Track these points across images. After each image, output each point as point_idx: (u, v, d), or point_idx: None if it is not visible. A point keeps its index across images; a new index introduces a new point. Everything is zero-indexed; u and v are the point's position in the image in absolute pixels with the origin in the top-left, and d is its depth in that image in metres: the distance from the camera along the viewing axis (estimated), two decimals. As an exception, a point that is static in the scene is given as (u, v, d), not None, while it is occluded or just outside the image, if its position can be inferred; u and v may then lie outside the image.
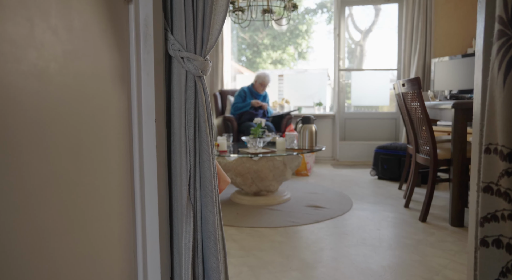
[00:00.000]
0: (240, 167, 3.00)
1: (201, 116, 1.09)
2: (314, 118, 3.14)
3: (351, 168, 4.91)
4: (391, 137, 5.33)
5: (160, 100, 1.05)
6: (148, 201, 1.04)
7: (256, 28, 9.15)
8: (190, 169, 1.09)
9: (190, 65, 1.06)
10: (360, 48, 6.59)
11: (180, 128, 1.08)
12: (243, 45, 9.32)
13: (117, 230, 0.94)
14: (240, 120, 4.59)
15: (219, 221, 1.15)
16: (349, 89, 5.59)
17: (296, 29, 9.53)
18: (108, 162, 0.89)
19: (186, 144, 1.08)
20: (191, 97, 1.08)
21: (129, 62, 0.99)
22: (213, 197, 1.11)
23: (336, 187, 3.76)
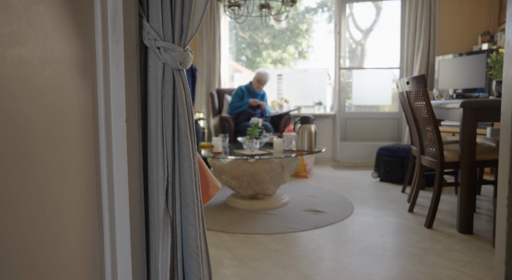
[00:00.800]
0: (235, 169, 2.85)
1: (180, 115, 0.95)
2: (314, 118, 3.00)
3: (352, 169, 4.76)
4: (393, 138, 5.19)
5: (132, 97, 0.90)
6: (118, 214, 0.90)
7: (256, 27, 9.01)
8: (168, 176, 0.95)
9: (167, 56, 0.92)
10: (361, 48, 6.45)
11: (157, 129, 0.94)
12: (243, 45, 9.19)
13: (79, 249, 0.80)
14: (237, 120, 4.45)
15: (202, 235, 1.01)
16: (349, 89, 5.44)
17: (296, 28, 9.38)
18: (65, 169, 0.75)
19: (163, 148, 0.94)
20: (169, 94, 0.94)
21: (94, 52, 0.85)
22: (195, 208, 0.97)
23: (336, 189, 3.61)
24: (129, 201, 0.89)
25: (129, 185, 0.90)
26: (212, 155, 2.86)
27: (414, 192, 2.79)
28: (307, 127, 2.98)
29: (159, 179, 0.93)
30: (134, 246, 0.92)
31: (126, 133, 0.88)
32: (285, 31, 9.68)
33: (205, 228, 1.02)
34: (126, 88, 0.88)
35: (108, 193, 0.88)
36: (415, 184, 2.92)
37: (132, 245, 0.91)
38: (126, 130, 0.88)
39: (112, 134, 0.89)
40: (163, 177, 0.93)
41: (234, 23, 7.69)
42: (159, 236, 0.94)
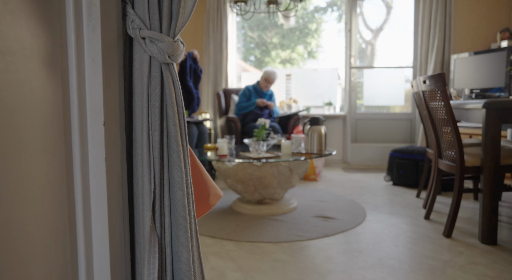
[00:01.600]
0: (241, 173, 2.71)
1: (169, 117, 0.81)
2: (324, 119, 2.85)
3: (363, 172, 4.59)
4: (406, 139, 5.00)
5: (112, 96, 0.77)
6: (96, 234, 0.77)
7: (264, 27, 8.88)
8: (155, 189, 0.81)
9: (154, 48, 0.78)
10: (371, 48, 6.27)
11: (142, 134, 0.80)
12: (252, 44, 9.08)
13: (43, 276, 0.66)
14: (244, 121, 4.31)
15: (196, 256, 0.87)
16: (359, 89, 5.27)
17: (305, 27, 9.24)
18: (25, 184, 0.62)
19: (150, 155, 0.80)
20: (156, 92, 0.80)
21: (65, 41, 0.71)
22: (187, 226, 0.83)
23: (347, 194, 3.45)
24: (108, 219, 0.76)
25: (109, 199, 0.76)
26: (216, 158, 2.72)
27: (431, 198, 2.62)
28: (317, 128, 2.83)
29: (145, 191, 0.80)
30: (115, 270, 0.78)
31: (105, 139, 0.75)
32: (294, 30, 9.54)
33: (199, 247, 0.88)
34: (104, 85, 0.74)
35: (83, 209, 0.74)
36: (431, 189, 2.75)
37: (112, 269, 0.77)
38: (105, 135, 0.75)
39: (88, 140, 0.75)
40: (149, 190, 0.80)
41: (243, 23, 7.57)
42: (144, 258, 0.81)
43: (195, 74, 3.93)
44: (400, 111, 5.18)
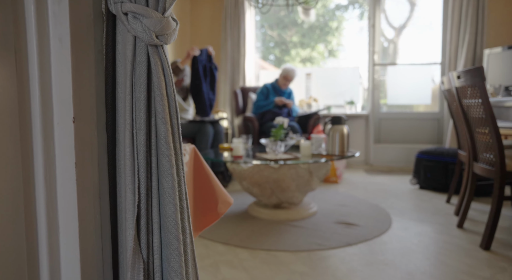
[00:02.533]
0: (257, 176, 2.55)
1: (158, 113, 0.65)
2: (346, 119, 2.65)
3: (387, 174, 4.35)
4: (432, 140, 4.72)
5: (85, 86, 0.62)
6: (65, 260, 0.61)
7: (284, 25, 8.71)
8: (140, 202, 0.65)
9: (137, 25, 0.62)
10: (394, 46, 6.00)
11: (124, 133, 0.64)
12: (271, 43, 8.94)
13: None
14: (262, 120, 4.14)
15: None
16: (382, 88, 5.02)
17: (326, 26, 9.02)
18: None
19: (134, 159, 0.65)
20: (142, 81, 0.64)
21: (22, 16, 0.56)
22: (180, 248, 0.67)
23: (370, 197, 3.24)
24: (79, 240, 0.60)
25: (81, 215, 0.61)
26: (231, 159, 2.57)
27: (465, 204, 2.39)
28: (338, 128, 2.63)
29: (127, 205, 0.64)
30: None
31: (75, 139, 0.59)
32: (314, 29, 9.35)
33: (197, 273, 0.72)
34: (74, 72, 0.59)
35: (47, 230, 0.59)
36: (464, 195, 2.52)
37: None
38: (75, 135, 0.59)
39: (55, 140, 0.60)
40: (132, 202, 0.64)
41: (262, 22, 7.41)
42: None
43: (211, 74, 3.76)
44: (426, 110, 4.91)
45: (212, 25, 5.32)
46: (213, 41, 5.31)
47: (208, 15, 5.33)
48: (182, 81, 3.68)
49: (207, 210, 1.29)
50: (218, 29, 5.26)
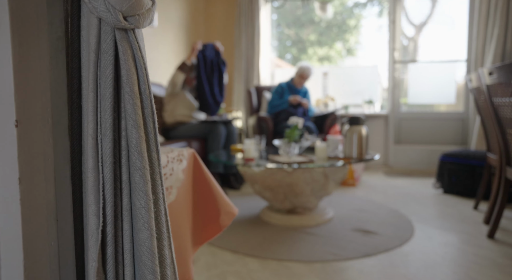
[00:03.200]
0: (269, 179, 2.40)
1: (129, 115, 0.52)
2: (365, 119, 2.48)
3: (407, 177, 4.14)
4: (456, 141, 4.48)
5: (33, 80, 0.49)
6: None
7: (301, 24, 8.54)
8: (105, 226, 0.52)
9: (99, 3, 0.49)
10: (414, 44, 5.77)
11: (87, 139, 0.51)
12: (288, 42, 8.80)
13: None
14: (276, 120, 3.99)
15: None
16: (402, 87, 4.80)
17: (343, 24, 8.81)
18: None
19: (98, 173, 0.51)
20: (107, 75, 0.51)
21: None
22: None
23: (390, 202, 3.05)
24: (24, 276, 0.47)
25: (27, 244, 0.48)
26: (242, 162, 2.44)
27: (496, 212, 2.19)
28: (356, 129, 2.46)
29: (90, 229, 0.51)
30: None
31: (18, 148, 0.46)
32: (331, 27, 9.14)
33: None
34: (16, 64, 0.46)
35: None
36: (496, 202, 2.32)
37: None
38: (18, 142, 0.46)
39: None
40: (95, 227, 0.51)
41: (279, 20, 7.26)
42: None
43: (219, 70, 3.62)
44: (449, 110, 4.66)
45: (226, 22, 5.20)
46: (227, 38, 5.19)
47: (222, 12, 5.22)
48: (194, 79, 3.56)
49: (208, 222, 1.16)
50: (232, 26, 5.13)
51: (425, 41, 5.23)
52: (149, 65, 4.17)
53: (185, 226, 1.07)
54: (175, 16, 4.63)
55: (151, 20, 0.54)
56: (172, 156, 1.03)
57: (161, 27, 4.36)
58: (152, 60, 4.22)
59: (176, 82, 3.45)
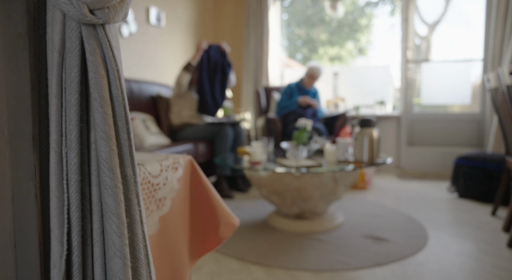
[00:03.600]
0: (276, 183, 2.32)
1: (98, 126, 0.44)
2: (376, 121, 2.38)
3: (420, 180, 4.02)
4: (472, 143, 4.34)
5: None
6: None
7: (312, 23, 8.45)
8: (71, 254, 0.45)
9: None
10: (427, 43, 5.62)
11: (51, 153, 0.44)
12: (299, 42, 8.72)
13: None
14: (285, 121, 3.90)
15: None
16: (414, 87, 4.67)
17: (355, 23, 8.69)
18: None
19: (62, 193, 0.44)
20: (72, 78, 0.44)
21: None
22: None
23: (402, 207, 2.94)
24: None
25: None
26: (248, 165, 2.36)
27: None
28: (368, 132, 2.36)
29: (53, 258, 0.44)
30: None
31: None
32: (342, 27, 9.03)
33: None
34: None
35: None
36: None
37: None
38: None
39: None
40: (59, 255, 0.44)
41: (290, 20, 7.18)
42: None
43: (223, 72, 3.54)
44: (464, 110, 4.52)
45: (235, 22, 5.13)
46: (236, 38, 5.12)
47: (231, 11, 5.15)
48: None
49: (207, 234, 1.08)
50: (241, 26, 5.06)
51: (439, 40, 5.09)
52: (156, 65, 4.12)
53: (181, 239, 1.00)
54: (183, 15, 4.58)
55: (125, 14, 0.46)
56: (167, 164, 0.96)
57: (169, 27, 4.31)
58: (159, 61, 4.18)
59: (182, 83, 3.39)
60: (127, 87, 3.41)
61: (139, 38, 3.85)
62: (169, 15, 4.30)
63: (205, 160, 3.32)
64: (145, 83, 3.66)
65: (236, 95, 5.15)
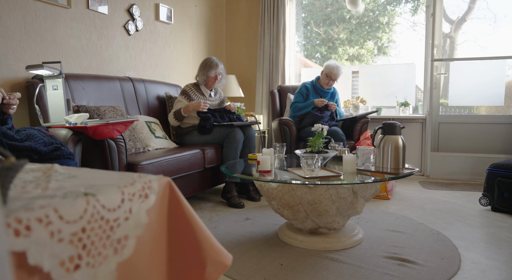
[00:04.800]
0: (287, 196, 2.08)
1: None
2: (402, 126, 2.11)
3: (448, 189, 3.70)
4: (507, 149, 3.98)
5: None
6: None
7: (331, 22, 8.18)
8: None
9: None
10: (450, 41, 5.28)
11: None
12: (317, 41, 8.46)
13: None
14: (300, 124, 3.65)
15: None
16: (441, 87, 4.34)
17: (376, 21, 8.38)
18: None
19: None
20: None
21: None
22: None
23: (429, 221, 2.65)
24: None
25: None
26: (257, 174, 2.12)
27: None
28: (392, 139, 2.09)
29: None
30: None
31: None
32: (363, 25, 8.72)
33: None
34: None
35: None
36: None
37: None
38: None
39: None
40: None
41: (309, 19, 6.94)
42: None
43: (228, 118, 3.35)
44: (496, 112, 4.16)
45: (250, 19, 4.90)
46: (250, 36, 4.89)
47: (244, 7, 4.92)
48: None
49: (188, 277, 0.85)
50: (256, 23, 4.83)
51: (465, 38, 4.74)
52: (165, 65, 3.93)
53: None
54: (194, 12, 4.38)
55: None
56: (132, 191, 0.73)
57: (179, 24, 4.12)
58: (168, 59, 3.98)
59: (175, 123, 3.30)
60: (131, 87, 3.22)
61: (146, 36, 3.66)
62: (179, 11, 4.11)
63: (214, 165, 3.10)
64: (152, 83, 3.47)
65: (250, 96, 4.92)
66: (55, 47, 2.80)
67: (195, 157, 2.85)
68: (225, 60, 5.02)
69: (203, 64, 3.36)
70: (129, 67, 3.48)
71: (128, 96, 3.15)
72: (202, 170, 2.97)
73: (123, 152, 2.26)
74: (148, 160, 2.42)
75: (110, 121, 1.99)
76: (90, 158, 2.21)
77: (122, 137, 2.25)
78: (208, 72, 3.31)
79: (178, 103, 3.28)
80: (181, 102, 3.28)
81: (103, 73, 3.21)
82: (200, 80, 3.38)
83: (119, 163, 2.23)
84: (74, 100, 2.66)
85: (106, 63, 3.24)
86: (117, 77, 3.11)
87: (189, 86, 3.37)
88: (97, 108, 2.66)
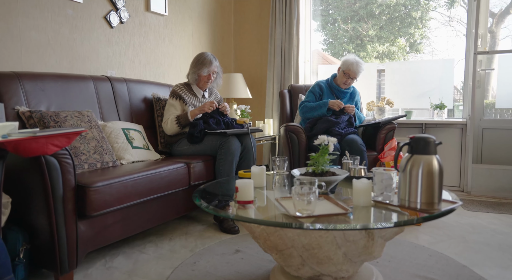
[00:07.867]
0: (273, 237, 1.51)
1: None
2: (438, 143, 1.48)
3: (495, 211, 3.00)
4: None
5: None
6: None
7: (360, 18, 7.55)
8: None
9: None
10: (491, 36, 4.52)
11: None
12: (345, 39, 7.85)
13: None
14: (311, 131, 3.05)
15: None
16: (485, 87, 3.62)
17: (408, 16, 7.66)
18: None
19: None
20: None
21: None
22: None
23: (474, 261, 2.00)
24: None
25: None
26: (234, 206, 1.57)
27: None
28: (424, 161, 1.46)
29: None
30: None
31: None
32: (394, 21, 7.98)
33: None
34: None
35: None
36: None
37: None
38: None
39: None
40: None
41: (336, 15, 6.40)
42: None
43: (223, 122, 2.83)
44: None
45: (260, 12, 4.34)
46: (260, 30, 4.34)
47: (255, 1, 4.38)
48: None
49: None
50: (266, 16, 4.27)
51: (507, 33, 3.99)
52: (157, 62, 3.44)
53: None
54: (196, 2, 3.87)
55: None
56: None
57: (176, 16, 3.62)
58: (161, 56, 3.49)
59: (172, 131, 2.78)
60: (109, 88, 2.74)
61: (134, 29, 3.19)
62: (175, 1, 3.61)
63: (203, 181, 2.57)
64: (138, 84, 2.98)
65: (260, 97, 4.36)
66: (11, 41, 2.36)
67: (176, 173, 2.33)
68: (233, 57, 4.49)
69: (194, 61, 2.85)
70: (112, 65, 3.01)
71: (105, 99, 2.67)
72: (187, 188, 2.45)
73: (70, 171, 1.76)
74: (108, 180, 1.91)
75: (37, 134, 1.49)
76: (27, 178, 1.74)
77: (68, 151, 1.76)
78: (199, 70, 2.80)
79: (170, 108, 2.80)
80: (174, 106, 2.79)
81: (78, 72, 2.76)
82: (191, 79, 2.87)
83: (64, 185, 1.73)
84: (28, 105, 2.20)
85: (81, 61, 2.78)
86: (91, 76, 2.64)
87: (179, 86, 2.87)
88: (57, 114, 2.19)
